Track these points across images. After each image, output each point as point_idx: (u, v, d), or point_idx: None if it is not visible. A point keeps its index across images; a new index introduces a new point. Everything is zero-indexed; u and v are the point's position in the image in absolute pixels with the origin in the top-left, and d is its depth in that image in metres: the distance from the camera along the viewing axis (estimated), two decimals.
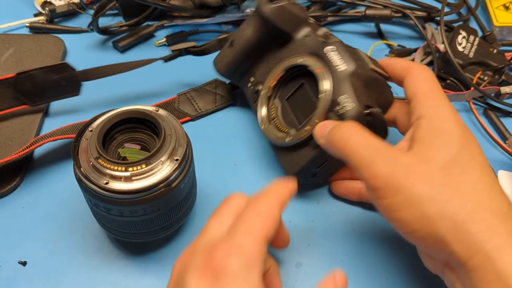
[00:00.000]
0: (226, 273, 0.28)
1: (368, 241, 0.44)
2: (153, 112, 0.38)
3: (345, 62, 0.41)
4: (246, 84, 0.51)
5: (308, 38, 0.46)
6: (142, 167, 0.35)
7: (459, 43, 0.58)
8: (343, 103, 0.40)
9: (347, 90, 0.40)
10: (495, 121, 0.55)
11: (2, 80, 0.49)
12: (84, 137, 0.37)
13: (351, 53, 0.42)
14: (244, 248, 0.29)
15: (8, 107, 0.51)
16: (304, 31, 0.47)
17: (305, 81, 0.45)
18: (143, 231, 0.39)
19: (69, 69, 0.50)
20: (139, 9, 0.63)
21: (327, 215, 0.46)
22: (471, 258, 0.30)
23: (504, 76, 0.57)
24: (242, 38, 0.49)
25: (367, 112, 0.40)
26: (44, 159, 0.49)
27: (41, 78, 0.50)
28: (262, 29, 0.47)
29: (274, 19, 0.46)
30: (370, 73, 0.42)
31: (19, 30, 0.64)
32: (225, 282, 0.28)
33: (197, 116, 0.54)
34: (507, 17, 0.67)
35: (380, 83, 0.43)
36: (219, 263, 0.28)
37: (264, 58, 0.49)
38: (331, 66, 0.42)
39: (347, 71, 0.41)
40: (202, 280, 0.28)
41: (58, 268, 0.41)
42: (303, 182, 0.46)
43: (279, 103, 0.47)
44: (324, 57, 0.42)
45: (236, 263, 0.28)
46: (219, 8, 0.63)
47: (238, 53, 0.50)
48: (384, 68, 0.43)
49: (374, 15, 0.63)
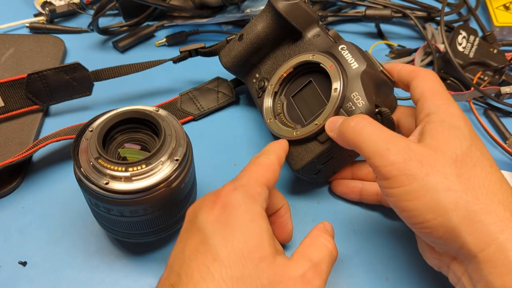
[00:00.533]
0: (232, 204, 0.32)
1: (368, 240, 0.44)
2: (153, 112, 0.38)
3: (357, 61, 0.42)
4: (251, 80, 0.51)
5: (318, 38, 0.47)
6: (142, 167, 0.35)
7: (459, 43, 0.58)
8: (354, 100, 0.41)
9: (358, 88, 0.41)
10: (495, 121, 0.55)
11: (14, 80, 0.49)
12: (84, 137, 0.37)
13: (362, 54, 0.43)
14: (246, 187, 0.33)
15: (19, 107, 0.51)
16: (315, 30, 0.47)
17: (313, 78, 0.45)
18: (143, 231, 0.39)
19: (82, 70, 0.50)
20: (139, 9, 0.63)
21: (327, 215, 0.46)
22: (483, 249, 0.31)
23: (504, 76, 0.57)
24: (252, 32, 0.49)
25: (377, 111, 0.40)
26: (44, 160, 0.49)
27: (53, 79, 0.50)
28: (274, 25, 0.48)
29: (287, 15, 0.46)
30: (380, 74, 0.43)
31: (19, 30, 0.64)
32: (231, 211, 0.32)
33: (199, 115, 0.54)
34: (507, 17, 0.67)
35: (388, 86, 0.43)
36: (225, 197, 0.33)
37: (272, 55, 0.50)
38: (344, 64, 0.42)
39: (359, 69, 0.41)
40: (212, 212, 0.32)
41: (58, 268, 0.41)
42: (305, 179, 0.46)
43: (284, 100, 0.47)
44: (337, 55, 0.43)
45: (240, 196, 0.33)
46: (219, 8, 0.63)
47: (247, 46, 0.50)
48: (390, 72, 0.43)
49: (374, 15, 0.63)
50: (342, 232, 0.45)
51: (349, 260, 0.43)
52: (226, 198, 0.33)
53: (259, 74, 0.50)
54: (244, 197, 0.33)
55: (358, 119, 0.37)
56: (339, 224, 0.45)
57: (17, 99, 0.50)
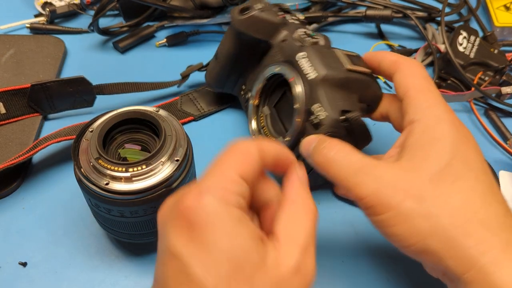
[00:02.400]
0: (200, 217, 0.26)
1: (369, 241, 0.44)
2: (153, 112, 0.38)
3: (315, 69, 0.40)
4: (239, 92, 0.51)
5: (284, 44, 0.44)
6: (143, 167, 0.35)
7: (459, 44, 0.58)
8: (316, 113, 0.39)
9: (319, 99, 0.39)
10: (496, 121, 0.55)
11: (17, 89, 0.50)
12: (84, 137, 0.37)
13: (323, 57, 0.40)
14: (214, 188, 0.27)
15: (21, 114, 0.51)
16: (282, 35, 0.45)
17: (287, 88, 0.43)
18: (144, 231, 0.39)
19: (86, 83, 0.50)
20: (140, 10, 0.63)
21: (327, 216, 0.46)
22: (466, 272, 0.30)
23: (505, 77, 0.57)
24: (223, 51, 0.49)
25: (342, 118, 0.38)
26: (45, 160, 0.49)
27: (56, 90, 0.50)
28: (239, 41, 0.47)
29: (246, 30, 0.45)
30: (346, 74, 0.40)
31: (20, 31, 0.64)
32: (202, 227, 0.26)
33: (200, 116, 0.54)
34: (507, 17, 0.67)
35: (360, 82, 0.41)
36: (192, 210, 0.26)
37: (250, 66, 0.49)
38: (302, 75, 0.40)
39: (318, 78, 0.39)
40: (180, 233, 0.27)
41: (58, 269, 0.41)
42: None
43: (267, 110, 0.46)
44: (296, 65, 0.41)
45: (208, 203, 0.26)
46: (219, 8, 0.63)
47: (223, 65, 0.49)
48: (370, 62, 0.41)
49: (374, 16, 0.62)
50: (342, 233, 0.45)
51: (349, 261, 0.43)
52: (193, 211, 0.26)
53: (245, 85, 0.50)
54: (213, 204, 0.26)
55: (327, 148, 0.34)
56: (340, 225, 0.45)
57: (19, 107, 0.51)
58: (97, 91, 0.52)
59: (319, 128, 0.39)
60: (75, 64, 0.60)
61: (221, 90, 0.53)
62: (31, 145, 0.46)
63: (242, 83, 0.50)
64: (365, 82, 0.41)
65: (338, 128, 0.38)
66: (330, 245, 0.44)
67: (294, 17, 0.48)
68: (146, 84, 0.54)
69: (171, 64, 0.60)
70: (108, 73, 0.58)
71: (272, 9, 0.46)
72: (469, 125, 0.55)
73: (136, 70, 0.59)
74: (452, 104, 0.57)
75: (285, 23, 0.46)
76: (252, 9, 0.44)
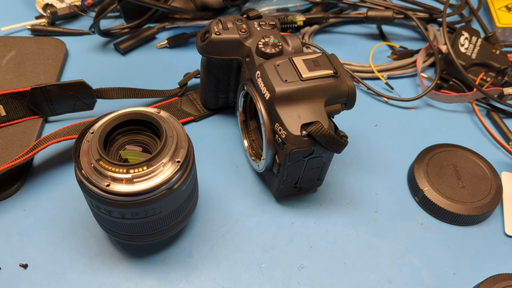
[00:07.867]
0: None
1: (370, 242, 0.44)
2: (155, 114, 0.38)
3: (268, 88, 0.39)
4: (234, 106, 0.52)
5: (249, 61, 0.44)
6: (144, 169, 0.35)
7: (461, 44, 0.58)
8: (279, 132, 0.39)
9: (277, 118, 0.38)
10: (498, 122, 0.54)
11: (17, 92, 0.50)
12: (85, 139, 0.37)
13: (277, 73, 0.39)
14: None
15: (21, 117, 0.51)
16: (245, 51, 0.45)
17: None
18: (145, 233, 0.39)
19: (85, 87, 0.51)
20: (141, 12, 0.63)
21: (329, 217, 0.46)
22: None
23: (507, 77, 0.57)
24: (201, 75, 0.50)
25: (304, 133, 0.37)
26: (45, 162, 0.49)
27: (56, 94, 0.50)
28: (210, 64, 0.48)
29: (210, 54, 0.46)
30: (301, 85, 0.38)
31: (21, 32, 0.64)
32: None
33: (199, 117, 0.54)
34: (509, 18, 0.67)
35: (321, 87, 0.39)
36: None
37: (233, 82, 0.50)
38: (260, 95, 0.40)
39: (272, 98, 0.38)
40: None
41: (59, 270, 0.41)
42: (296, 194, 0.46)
43: (255, 123, 0.47)
44: (256, 85, 0.41)
45: None
46: (220, 10, 0.63)
47: (206, 88, 0.51)
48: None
49: (376, 17, 0.62)
50: (344, 234, 0.44)
51: (351, 262, 0.43)
52: None
53: (235, 99, 0.51)
54: None
55: None
56: (341, 226, 0.45)
57: (19, 109, 0.51)
58: (97, 95, 0.52)
59: (284, 147, 0.39)
60: (76, 65, 0.60)
61: (216, 107, 0.54)
62: (31, 145, 0.46)
63: (233, 97, 0.52)
64: (327, 85, 0.39)
65: (302, 143, 0.38)
66: (331, 247, 0.44)
67: (263, 22, 0.46)
68: (145, 91, 0.54)
69: (172, 65, 0.60)
70: (109, 75, 0.58)
71: (236, 23, 0.45)
72: (471, 126, 0.55)
73: (137, 72, 0.59)
74: (454, 105, 0.57)
75: (250, 35, 0.45)
76: (210, 34, 0.45)
